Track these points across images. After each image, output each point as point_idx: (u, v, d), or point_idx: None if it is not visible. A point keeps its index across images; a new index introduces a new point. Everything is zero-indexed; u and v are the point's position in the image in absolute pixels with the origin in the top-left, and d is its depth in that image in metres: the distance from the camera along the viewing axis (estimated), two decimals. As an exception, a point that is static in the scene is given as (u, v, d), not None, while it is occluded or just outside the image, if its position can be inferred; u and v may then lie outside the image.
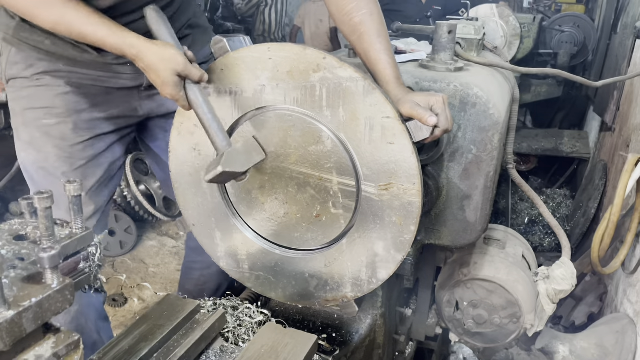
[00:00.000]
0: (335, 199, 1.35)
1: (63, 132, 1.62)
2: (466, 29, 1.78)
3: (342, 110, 1.25)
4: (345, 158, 1.29)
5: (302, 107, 1.29)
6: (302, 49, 1.23)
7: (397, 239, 1.31)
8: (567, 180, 4.80)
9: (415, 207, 1.26)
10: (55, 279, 0.77)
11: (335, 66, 1.21)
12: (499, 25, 3.98)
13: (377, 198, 1.29)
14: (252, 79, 1.31)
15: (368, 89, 1.20)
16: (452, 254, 1.93)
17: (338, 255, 1.40)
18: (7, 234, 0.91)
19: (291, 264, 1.47)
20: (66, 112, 1.61)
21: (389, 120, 1.21)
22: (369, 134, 1.25)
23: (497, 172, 1.54)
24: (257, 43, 1.31)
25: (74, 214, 0.93)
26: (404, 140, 1.21)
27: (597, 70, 4.47)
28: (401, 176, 1.25)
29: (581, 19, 4.78)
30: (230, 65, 1.31)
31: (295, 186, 1.38)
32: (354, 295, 1.42)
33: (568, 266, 1.88)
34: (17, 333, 0.71)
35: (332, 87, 1.24)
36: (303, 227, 1.41)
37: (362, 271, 1.38)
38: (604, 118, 3.96)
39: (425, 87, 1.45)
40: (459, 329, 1.90)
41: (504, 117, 1.48)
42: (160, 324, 1.24)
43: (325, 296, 1.46)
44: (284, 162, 1.37)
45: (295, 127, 1.32)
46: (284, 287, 1.50)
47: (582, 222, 3.69)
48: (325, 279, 1.44)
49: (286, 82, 1.28)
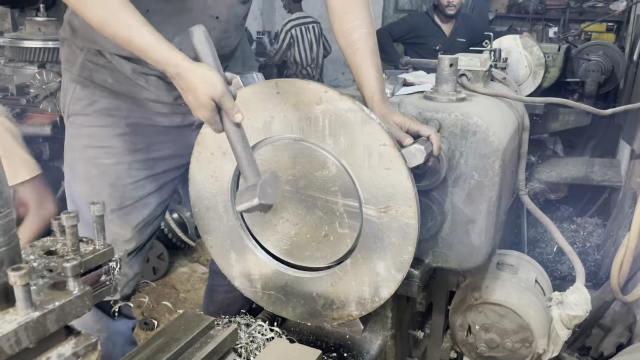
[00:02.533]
0: (341, 219, 1.45)
1: (119, 172, 1.69)
2: (472, 61, 1.86)
3: (343, 138, 1.35)
4: (349, 182, 1.39)
5: (307, 136, 1.40)
6: (306, 84, 1.35)
7: (396, 259, 1.38)
8: (599, 209, 4.72)
9: (413, 229, 1.33)
10: (76, 287, 0.88)
11: (335, 99, 1.32)
12: (523, 55, 4.04)
13: (377, 220, 1.38)
14: (262, 111, 1.43)
15: (365, 119, 1.30)
16: (465, 278, 1.97)
17: (343, 275, 1.48)
18: (39, 249, 1.04)
19: (300, 283, 1.56)
20: (123, 152, 1.69)
21: (386, 148, 1.30)
22: (367, 160, 1.34)
23: (501, 197, 1.59)
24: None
25: (97, 232, 1.05)
26: (400, 165, 1.30)
27: (626, 98, 4.45)
28: (398, 199, 1.33)
29: (609, 47, 4.77)
30: (243, 99, 1.44)
31: (305, 208, 1.48)
32: (359, 313, 1.49)
33: (582, 292, 1.89)
34: (41, 332, 0.82)
35: (333, 118, 1.34)
36: (313, 246, 1.51)
37: (366, 290, 1.46)
38: (633, 146, 3.92)
39: (428, 117, 1.54)
40: (472, 353, 1.92)
41: (505, 144, 1.55)
42: (176, 337, 1.34)
43: (332, 314, 1.53)
44: (293, 186, 1.48)
45: (303, 154, 1.43)
46: (294, 306, 1.58)
47: (612, 251, 3.62)
48: (332, 298, 1.51)
49: (292, 114, 1.39)
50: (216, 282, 2.23)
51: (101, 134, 1.68)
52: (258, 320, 1.55)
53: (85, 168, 1.70)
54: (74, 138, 1.72)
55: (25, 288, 0.77)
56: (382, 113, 1.47)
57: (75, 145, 1.72)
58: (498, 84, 2.06)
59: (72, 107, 1.69)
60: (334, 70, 8.26)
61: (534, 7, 6.67)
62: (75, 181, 1.74)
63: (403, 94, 1.68)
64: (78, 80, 1.66)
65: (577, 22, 6.51)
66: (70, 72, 1.67)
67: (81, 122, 1.69)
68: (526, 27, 6.68)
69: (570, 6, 6.62)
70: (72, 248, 0.97)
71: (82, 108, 1.67)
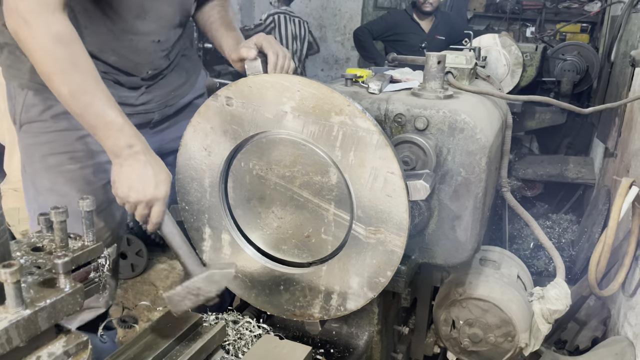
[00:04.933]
0: (327, 226, 1.47)
1: (86, 176, 1.62)
2: (458, 59, 1.88)
3: (353, 155, 1.37)
4: (346, 195, 1.42)
5: (316, 141, 1.41)
6: (330, 92, 1.35)
7: (372, 279, 1.44)
8: (574, 205, 4.83)
9: (396, 257, 1.39)
10: (67, 284, 0.86)
11: (356, 115, 1.34)
12: (502, 54, 4.10)
13: (364, 239, 1.42)
14: (277, 103, 1.42)
15: (381, 144, 1.33)
16: (449, 274, 1.98)
17: (315, 278, 1.51)
18: (25, 246, 1.01)
19: (269, 273, 1.58)
20: (86, 155, 1.61)
21: (393, 176, 1.34)
22: (371, 182, 1.37)
23: (486, 194, 1.61)
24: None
25: (86, 228, 1.03)
26: (402, 196, 1.34)
27: (600, 97, 4.55)
28: (390, 226, 1.37)
29: (583, 47, 4.88)
30: (259, 85, 1.42)
31: (294, 206, 1.49)
32: (320, 316, 1.53)
33: (562, 286, 1.93)
34: (32, 330, 0.80)
35: (348, 132, 1.36)
36: (292, 243, 1.53)
37: (334, 298, 1.51)
38: (606, 144, 4.02)
39: (416, 113, 1.54)
40: (455, 348, 1.94)
41: (491, 141, 1.56)
42: (164, 334, 1.32)
43: (294, 311, 1.57)
44: (288, 182, 1.48)
45: (307, 156, 1.44)
46: (258, 293, 1.62)
47: (587, 247, 3.71)
48: (298, 295, 1.55)
49: (307, 116, 1.39)
50: None
51: (61, 139, 1.58)
52: (246, 317, 1.54)
53: (49, 178, 1.60)
54: (32, 148, 1.60)
55: (16, 285, 0.75)
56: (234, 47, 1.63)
57: (33, 155, 1.61)
58: (483, 82, 2.08)
59: (25, 114, 1.57)
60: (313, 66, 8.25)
61: (511, 6, 6.77)
62: (41, 194, 1.64)
63: (391, 91, 1.69)
64: (29, 85, 1.54)
65: (553, 23, 6.63)
66: (18, 79, 1.55)
67: (37, 130, 1.58)
68: (503, 26, 6.77)
69: (546, 7, 6.74)
70: (61, 244, 0.95)
71: (37, 114, 1.56)
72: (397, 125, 1.57)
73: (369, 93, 1.64)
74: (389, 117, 1.57)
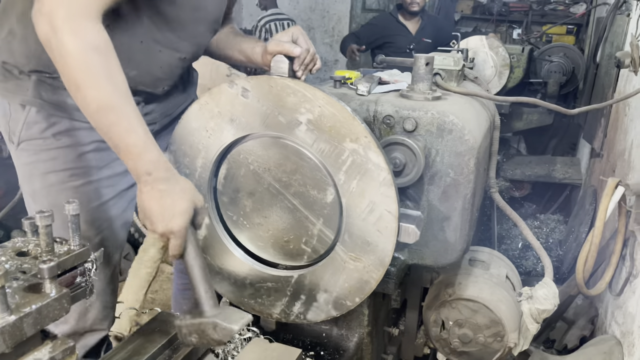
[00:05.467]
0: (310, 238, 1.49)
1: (88, 193, 1.56)
2: (446, 60, 1.89)
3: (356, 183, 1.39)
4: (336, 217, 1.44)
5: (324, 159, 1.42)
6: (351, 118, 1.36)
7: (339, 301, 1.47)
8: (561, 205, 4.88)
9: (369, 287, 1.43)
10: (53, 289, 0.85)
11: (371, 147, 1.35)
12: (489, 55, 4.13)
13: (342, 262, 1.45)
14: (294, 111, 1.41)
15: (388, 182, 1.35)
16: (438, 275, 1.99)
17: (284, 282, 1.54)
18: (10, 251, 1.00)
19: (238, 264, 1.60)
20: (88, 172, 1.55)
21: (389, 215, 1.37)
22: (366, 213, 1.40)
23: (475, 194, 1.62)
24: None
25: (72, 232, 1.01)
26: (392, 236, 1.38)
27: (586, 98, 4.60)
28: (372, 259, 1.41)
29: (569, 49, 4.93)
30: (281, 88, 1.41)
31: (281, 210, 1.50)
32: (279, 318, 1.57)
33: (550, 286, 1.94)
34: (17, 336, 0.78)
35: (358, 161, 1.38)
36: (269, 242, 1.56)
37: (297, 306, 1.54)
38: (592, 145, 4.07)
39: (405, 115, 1.55)
40: (445, 349, 1.95)
41: (479, 142, 1.57)
42: (152, 339, 1.31)
43: (253, 305, 1.59)
44: (283, 187, 1.49)
45: (309, 169, 1.44)
46: (221, 281, 1.64)
47: (574, 247, 3.74)
48: (262, 293, 1.57)
49: (321, 133, 1.39)
50: (183, 280, 2.19)
51: (63, 156, 1.52)
52: (235, 320, 1.53)
53: (50, 197, 1.54)
54: (31, 166, 1.54)
55: (0, 291, 0.74)
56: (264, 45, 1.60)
57: (33, 173, 1.55)
58: (471, 83, 2.09)
59: (25, 132, 1.50)
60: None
61: (498, 9, 6.82)
62: None
63: (379, 92, 1.69)
64: (33, 102, 1.47)
65: (539, 24, 6.69)
66: (21, 95, 1.48)
67: (38, 147, 1.51)
68: (490, 28, 6.83)
69: (533, 9, 6.80)
70: (47, 249, 0.94)
71: (38, 132, 1.50)
72: (386, 127, 1.57)
73: (358, 95, 1.64)
74: (378, 118, 1.57)
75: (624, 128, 3.15)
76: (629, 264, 2.37)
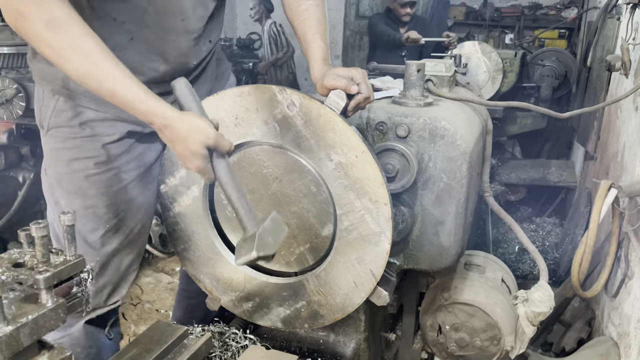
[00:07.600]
0: (289, 255, 1.56)
1: (109, 179, 1.63)
2: (437, 67, 1.91)
3: (356, 235, 1.44)
4: (323, 252, 1.48)
5: (336, 200, 1.44)
6: (380, 182, 1.38)
7: (289, 319, 1.60)
8: (557, 208, 4.89)
9: (321, 322, 1.56)
10: (49, 299, 0.85)
11: (385, 215, 1.39)
12: (482, 61, 4.17)
13: (308, 291, 1.54)
14: (329, 147, 1.41)
15: (385, 251, 1.41)
16: (434, 279, 2.00)
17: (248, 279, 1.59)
18: (6, 262, 1.00)
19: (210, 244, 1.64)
20: (109, 160, 1.62)
21: (371, 276, 1.44)
22: (351, 264, 1.46)
23: (468, 199, 1.63)
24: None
25: (68, 243, 1.02)
26: (364, 293, 1.48)
27: (578, 102, 4.63)
28: (337, 302, 1.52)
29: (561, 53, 4.97)
30: (327, 122, 1.39)
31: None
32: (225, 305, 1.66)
33: (546, 289, 1.95)
34: (14, 347, 0.79)
35: (367, 220, 1.43)
36: None
37: (246, 305, 1.63)
38: (586, 147, 4.09)
39: (397, 121, 1.56)
40: (442, 353, 1.95)
41: (472, 147, 1.59)
42: (149, 348, 1.31)
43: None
44: (286, 201, 1.50)
45: (319, 201, 1.47)
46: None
47: (570, 249, 3.76)
48: (219, 277, 1.65)
49: (346, 180, 1.41)
50: (184, 287, 2.21)
51: (87, 145, 1.60)
52: (232, 328, 1.54)
53: (75, 181, 1.62)
54: (58, 152, 1.62)
55: (-3, 302, 0.75)
56: (324, 72, 1.50)
57: (59, 159, 1.63)
58: (462, 89, 2.11)
59: (54, 119, 1.59)
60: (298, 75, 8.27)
61: (490, 14, 6.89)
62: (64, 196, 1.64)
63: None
64: (61, 92, 1.56)
65: (531, 29, 6.75)
66: (51, 84, 1.57)
67: (65, 135, 1.60)
68: (483, 33, 6.89)
69: (525, 14, 6.87)
70: (43, 259, 0.94)
71: (66, 120, 1.58)
72: (378, 133, 1.59)
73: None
74: (371, 125, 1.59)
75: (616, 130, 3.17)
76: (623, 266, 2.39)
